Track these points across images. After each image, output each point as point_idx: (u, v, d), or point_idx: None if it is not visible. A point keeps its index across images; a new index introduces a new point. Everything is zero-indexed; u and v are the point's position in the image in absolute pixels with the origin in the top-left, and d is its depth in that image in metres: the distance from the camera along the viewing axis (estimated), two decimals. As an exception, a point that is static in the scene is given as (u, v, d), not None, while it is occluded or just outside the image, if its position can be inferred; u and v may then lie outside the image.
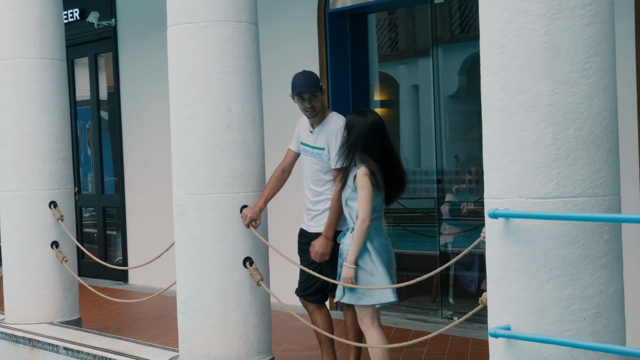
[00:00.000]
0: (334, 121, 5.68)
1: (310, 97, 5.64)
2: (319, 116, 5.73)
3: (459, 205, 8.22)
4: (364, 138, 5.21)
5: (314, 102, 5.66)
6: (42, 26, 7.49)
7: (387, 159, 5.28)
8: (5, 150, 7.51)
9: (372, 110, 5.46)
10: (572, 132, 3.62)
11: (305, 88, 5.62)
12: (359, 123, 5.26)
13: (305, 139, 5.81)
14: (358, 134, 5.23)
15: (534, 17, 3.64)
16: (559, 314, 3.62)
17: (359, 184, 5.13)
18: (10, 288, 7.56)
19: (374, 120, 5.28)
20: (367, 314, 5.26)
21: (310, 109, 5.67)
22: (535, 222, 3.63)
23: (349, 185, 5.23)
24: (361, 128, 5.24)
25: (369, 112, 5.35)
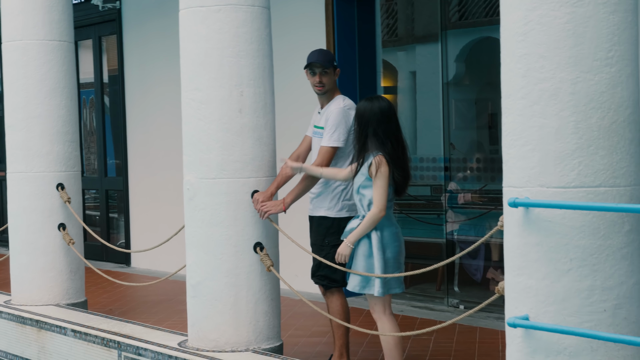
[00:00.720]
0: (337, 102, 5.66)
1: (321, 72, 5.62)
2: (327, 96, 5.72)
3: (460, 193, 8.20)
4: (373, 124, 5.16)
5: (324, 78, 5.65)
6: (51, 8, 7.44)
7: (398, 147, 5.22)
8: (14, 132, 7.47)
9: (381, 96, 5.39)
10: (595, 121, 3.59)
11: (317, 61, 5.60)
12: (366, 109, 5.21)
13: (316, 121, 5.79)
14: (367, 120, 5.18)
15: (557, 4, 3.60)
16: (578, 304, 3.60)
17: (377, 172, 5.07)
18: (17, 270, 7.54)
19: (381, 106, 5.21)
20: (379, 302, 5.24)
21: (319, 84, 5.66)
22: (555, 211, 3.61)
23: (362, 173, 5.17)
24: (369, 114, 5.19)
25: (376, 99, 5.30)
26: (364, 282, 5.18)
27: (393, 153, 5.14)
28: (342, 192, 5.62)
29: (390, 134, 5.17)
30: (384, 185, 5.08)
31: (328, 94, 5.71)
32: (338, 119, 5.51)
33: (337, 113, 5.53)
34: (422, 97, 8.97)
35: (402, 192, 5.27)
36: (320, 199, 5.71)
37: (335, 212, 5.63)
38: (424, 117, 8.88)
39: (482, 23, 8.36)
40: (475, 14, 8.32)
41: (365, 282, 5.18)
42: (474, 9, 8.32)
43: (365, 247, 5.16)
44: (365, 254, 5.15)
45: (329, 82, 5.66)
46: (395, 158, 5.15)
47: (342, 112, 5.52)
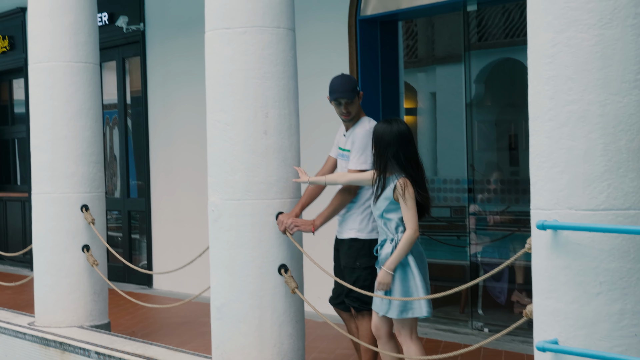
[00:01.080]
0: (363, 124, 5.65)
1: (347, 102, 5.62)
2: (354, 120, 5.71)
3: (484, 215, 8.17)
4: (394, 147, 5.14)
5: (351, 107, 5.64)
6: (77, 30, 7.51)
7: (418, 170, 5.19)
8: (40, 153, 7.52)
9: (399, 119, 5.38)
10: (624, 144, 3.57)
11: (342, 94, 5.59)
12: (385, 132, 5.19)
13: (341, 143, 5.79)
14: (388, 143, 5.16)
15: (585, 26, 3.60)
16: (608, 328, 3.57)
17: (404, 194, 5.04)
18: (41, 291, 7.56)
19: (400, 129, 5.18)
20: (406, 326, 5.19)
21: (346, 114, 5.65)
22: (584, 234, 3.58)
23: (385, 197, 5.14)
24: (389, 137, 5.16)
25: (395, 121, 5.26)
26: (403, 306, 5.12)
27: (414, 176, 5.13)
28: (371, 213, 5.59)
29: (410, 157, 5.16)
30: (414, 205, 5.05)
31: (354, 119, 5.72)
32: (364, 141, 5.51)
33: (363, 136, 5.53)
34: (442, 118, 8.96)
35: (425, 214, 5.25)
36: (349, 221, 5.68)
37: (366, 233, 5.61)
38: (446, 138, 8.87)
39: (503, 44, 8.36)
40: (495, 35, 8.32)
41: (404, 306, 5.12)
42: (493, 30, 8.32)
43: (399, 271, 5.10)
44: (401, 277, 5.10)
45: (354, 109, 5.67)
46: (416, 180, 5.13)
47: (368, 135, 5.51)
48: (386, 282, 5.09)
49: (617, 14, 3.57)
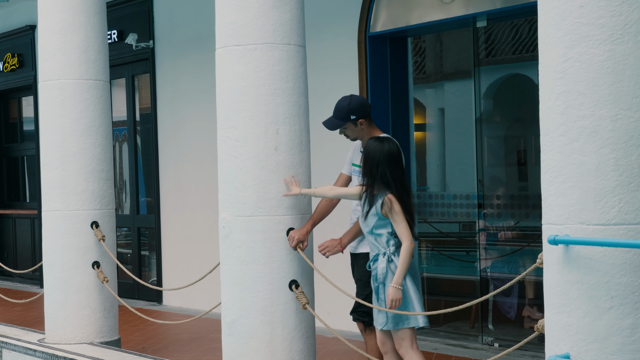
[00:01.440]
0: None
1: (341, 129, 5.72)
2: (365, 137, 5.73)
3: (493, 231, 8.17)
4: (382, 166, 5.19)
5: (347, 132, 5.74)
6: (87, 47, 7.55)
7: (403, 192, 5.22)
8: (50, 170, 7.55)
9: (392, 138, 5.39)
10: (635, 158, 3.58)
11: (326, 125, 5.69)
12: (376, 150, 5.24)
13: (357, 160, 5.81)
14: (377, 161, 5.21)
15: (596, 41, 3.61)
16: (620, 343, 3.57)
17: (392, 210, 5.11)
18: (52, 308, 7.57)
19: (391, 149, 5.24)
20: (406, 337, 5.24)
21: (346, 137, 5.78)
22: (596, 249, 3.59)
23: (373, 214, 5.19)
24: (379, 155, 5.22)
25: (387, 140, 5.31)
26: (398, 317, 5.18)
27: (399, 196, 5.17)
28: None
29: (396, 178, 5.21)
30: (404, 218, 5.13)
31: (365, 138, 5.73)
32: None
33: None
34: (451, 134, 8.97)
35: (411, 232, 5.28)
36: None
37: None
38: (455, 154, 8.88)
39: (511, 60, 8.38)
40: (504, 51, 8.34)
41: (398, 317, 5.17)
42: (502, 46, 8.34)
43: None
44: None
45: (352, 133, 5.74)
46: (401, 201, 5.17)
47: None
48: (398, 298, 5.12)
49: (628, 29, 3.58)
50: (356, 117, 5.65)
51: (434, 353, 7.45)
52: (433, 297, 8.39)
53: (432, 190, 8.86)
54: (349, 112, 5.64)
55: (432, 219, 8.62)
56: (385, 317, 5.21)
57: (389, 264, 5.17)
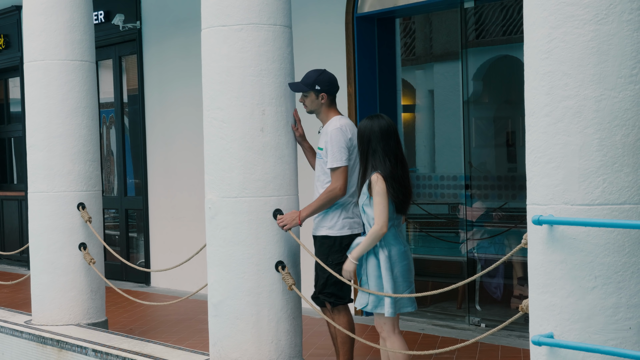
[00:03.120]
0: (333, 122, 5.73)
1: (302, 95, 5.77)
2: (322, 117, 5.82)
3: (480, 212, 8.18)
4: (373, 143, 5.20)
5: (305, 99, 5.79)
6: (72, 28, 7.50)
7: (398, 165, 5.23)
8: (35, 152, 7.52)
9: (382, 114, 5.40)
10: (619, 139, 3.58)
11: (290, 85, 5.68)
12: (366, 128, 5.26)
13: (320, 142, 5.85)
14: (368, 139, 5.22)
15: (581, 21, 3.60)
16: (603, 322, 3.58)
17: (373, 190, 5.12)
18: (38, 289, 7.56)
19: (381, 125, 5.24)
20: (388, 321, 5.27)
21: (303, 104, 5.82)
22: (580, 229, 3.59)
23: (363, 192, 5.22)
24: (369, 133, 5.23)
25: (376, 117, 5.32)
26: (376, 301, 5.20)
27: (393, 171, 5.17)
28: (342, 210, 5.65)
29: (390, 152, 5.20)
30: (382, 202, 5.10)
31: (321, 115, 5.82)
32: (336, 139, 5.60)
33: (333, 134, 5.63)
34: (440, 115, 8.98)
35: (404, 210, 5.29)
36: (321, 218, 5.78)
37: (336, 230, 5.68)
38: (444, 135, 8.89)
39: (500, 41, 8.38)
40: (493, 32, 8.33)
41: (376, 301, 5.21)
42: (491, 27, 8.33)
43: (374, 267, 5.19)
44: (375, 275, 5.18)
45: (310, 104, 5.79)
46: (395, 176, 5.17)
47: (338, 132, 5.61)
48: (348, 270, 5.23)
49: (613, 9, 3.57)
50: (320, 89, 5.73)
51: (420, 334, 7.47)
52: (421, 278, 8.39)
53: (421, 172, 8.86)
54: (315, 81, 5.74)
55: (420, 200, 8.63)
56: (367, 298, 5.24)
57: (373, 247, 5.19)
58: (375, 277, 5.18)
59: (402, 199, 5.21)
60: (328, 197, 5.59)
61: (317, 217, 5.79)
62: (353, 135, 5.65)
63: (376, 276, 5.18)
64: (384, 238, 5.16)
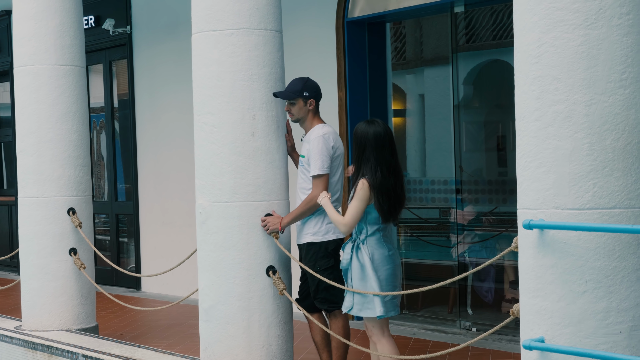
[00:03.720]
0: (316, 131, 5.71)
1: (288, 103, 5.71)
2: (306, 125, 5.78)
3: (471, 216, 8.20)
4: (368, 150, 5.18)
5: (292, 108, 5.72)
6: (62, 33, 7.49)
7: (390, 175, 5.20)
8: (25, 157, 7.50)
9: (379, 121, 5.34)
10: (609, 143, 3.59)
11: (278, 93, 5.66)
12: (362, 133, 5.23)
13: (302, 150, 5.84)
14: (364, 145, 5.20)
15: (571, 26, 3.61)
16: (594, 326, 3.59)
17: (356, 192, 5.13)
18: (28, 295, 7.54)
19: (377, 132, 5.20)
20: (376, 325, 5.28)
21: (289, 113, 5.76)
22: (570, 233, 3.60)
23: (351, 196, 5.22)
24: (365, 139, 5.21)
25: (373, 123, 5.28)
26: (360, 304, 5.19)
27: (383, 181, 5.14)
28: (324, 215, 5.63)
29: (383, 161, 5.18)
30: (357, 206, 5.11)
31: (306, 123, 5.78)
32: (318, 147, 5.58)
33: (316, 142, 5.60)
34: (431, 120, 8.98)
35: (391, 219, 5.26)
36: (306, 226, 5.75)
37: (321, 235, 5.68)
38: (434, 140, 8.90)
39: (490, 46, 8.39)
40: (483, 36, 8.35)
41: (361, 304, 5.19)
42: (481, 31, 8.35)
43: (357, 270, 5.19)
44: (359, 277, 5.18)
45: (298, 112, 5.73)
46: (384, 187, 5.14)
47: (321, 140, 5.60)
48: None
49: (603, 14, 3.58)
50: (309, 95, 5.71)
51: (411, 338, 7.47)
52: (411, 282, 8.40)
53: (411, 176, 8.87)
54: (303, 88, 5.71)
55: (411, 204, 8.64)
56: (351, 302, 5.25)
57: (356, 250, 5.21)
58: (359, 280, 5.18)
59: (388, 209, 5.18)
60: (309, 205, 5.58)
61: (299, 225, 5.77)
62: (336, 143, 5.66)
63: (359, 278, 5.18)
64: (368, 242, 5.16)
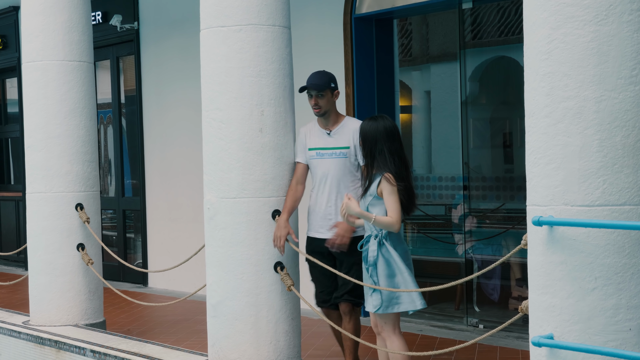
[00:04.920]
0: (353, 121, 5.81)
1: (316, 95, 5.71)
2: (332, 118, 5.80)
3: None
4: (380, 143, 5.19)
5: (320, 100, 5.73)
6: (71, 28, 7.50)
7: (402, 166, 5.22)
8: (33, 152, 7.51)
9: (385, 115, 5.39)
10: (619, 140, 3.58)
11: (311, 86, 5.68)
12: (371, 128, 5.24)
13: (321, 143, 5.79)
14: (374, 139, 5.20)
15: (581, 22, 3.60)
16: (603, 323, 3.58)
17: (386, 190, 5.08)
18: (36, 290, 7.55)
19: (386, 125, 5.24)
20: (389, 321, 5.25)
21: (315, 107, 5.75)
22: (580, 230, 3.59)
23: (370, 193, 5.19)
24: (375, 133, 5.22)
25: (380, 118, 5.31)
26: (387, 301, 5.16)
27: (398, 171, 5.16)
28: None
29: (395, 152, 5.20)
30: (397, 200, 5.09)
31: (332, 114, 5.80)
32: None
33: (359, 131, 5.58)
34: (437, 116, 8.97)
35: (410, 210, 5.27)
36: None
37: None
38: (441, 136, 8.89)
39: (497, 42, 8.38)
40: (490, 33, 8.33)
41: (388, 302, 5.16)
42: (488, 28, 8.33)
43: (384, 266, 5.14)
44: (386, 274, 5.14)
45: (325, 104, 5.75)
46: (400, 176, 5.16)
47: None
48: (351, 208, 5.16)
49: (613, 10, 3.58)
50: (335, 87, 5.78)
51: (419, 334, 7.47)
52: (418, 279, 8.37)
53: (418, 173, 8.86)
54: (330, 79, 5.77)
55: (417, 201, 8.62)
56: (380, 300, 5.16)
57: (380, 247, 5.16)
58: (386, 277, 5.13)
59: (408, 199, 5.20)
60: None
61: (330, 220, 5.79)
62: None
63: (386, 275, 5.13)
64: (390, 237, 5.15)
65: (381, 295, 5.15)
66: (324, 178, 5.77)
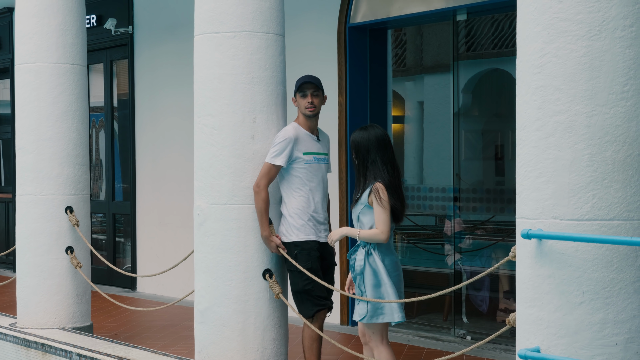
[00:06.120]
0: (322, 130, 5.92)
1: (312, 94, 5.68)
2: (316, 121, 5.78)
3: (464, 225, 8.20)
4: (372, 153, 5.20)
5: (315, 99, 5.70)
6: (64, 31, 7.49)
7: (394, 174, 5.24)
8: (24, 154, 7.49)
9: (375, 124, 5.41)
10: (609, 155, 3.59)
11: (312, 79, 5.68)
12: (363, 138, 5.25)
13: (314, 148, 5.76)
14: (366, 149, 5.21)
15: (574, 37, 3.62)
16: (590, 338, 3.59)
17: (377, 199, 5.09)
18: (24, 292, 7.53)
19: (377, 134, 5.25)
20: (377, 331, 5.25)
21: (310, 105, 5.68)
22: (568, 244, 3.60)
23: (361, 202, 5.20)
24: (367, 143, 5.22)
25: (371, 127, 5.34)
26: (373, 311, 5.17)
27: (391, 180, 5.17)
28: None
29: (387, 161, 5.21)
30: (386, 211, 5.10)
31: (317, 118, 5.79)
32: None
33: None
34: (430, 127, 8.99)
35: (400, 219, 5.29)
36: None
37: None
38: (433, 147, 8.90)
39: (491, 55, 8.40)
40: (484, 45, 8.36)
41: (373, 311, 5.17)
42: (482, 40, 8.36)
43: (370, 276, 5.15)
44: (372, 283, 5.15)
45: (319, 104, 5.75)
46: (393, 185, 5.17)
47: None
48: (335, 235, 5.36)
49: (606, 25, 3.59)
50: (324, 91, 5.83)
51: (406, 345, 7.47)
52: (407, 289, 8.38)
53: (409, 183, 8.87)
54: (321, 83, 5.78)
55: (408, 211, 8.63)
56: (365, 309, 5.17)
57: (368, 256, 5.16)
58: (372, 286, 5.14)
59: (399, 208, 5.21)
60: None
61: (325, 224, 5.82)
62: None
63: (373, 285, 5.14)
64: (379, 247, 5.15)
65: (367, 304, 5.16)
66: (320, 183, 5.77)
